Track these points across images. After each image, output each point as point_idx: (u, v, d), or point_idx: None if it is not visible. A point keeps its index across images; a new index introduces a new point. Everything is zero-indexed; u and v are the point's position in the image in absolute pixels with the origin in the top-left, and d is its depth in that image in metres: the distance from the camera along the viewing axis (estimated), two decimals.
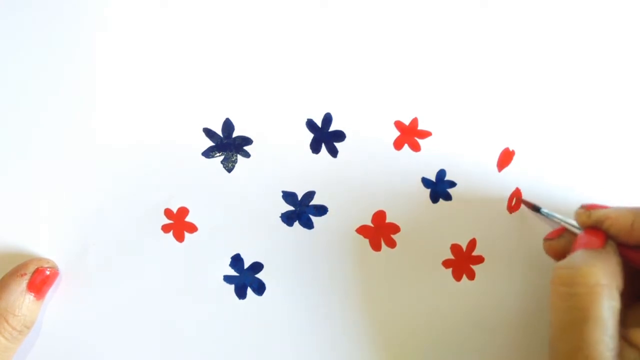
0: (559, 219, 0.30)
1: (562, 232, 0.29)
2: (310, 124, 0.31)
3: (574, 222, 0.29)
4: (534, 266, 0.33)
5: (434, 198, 0.32)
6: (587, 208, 0.28)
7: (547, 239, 0.30)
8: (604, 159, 0.33)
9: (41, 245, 0.30)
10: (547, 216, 0.31)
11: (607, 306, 0.23)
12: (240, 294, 0.32)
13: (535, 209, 0.31)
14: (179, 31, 0.30)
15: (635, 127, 0.33)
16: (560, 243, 0.29)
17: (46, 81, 0.30)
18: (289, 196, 0.32)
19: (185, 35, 0.31)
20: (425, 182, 0.32)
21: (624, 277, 0.25)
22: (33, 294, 0.29)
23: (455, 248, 0.32)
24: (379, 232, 0.32)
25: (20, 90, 0.30)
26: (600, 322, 0.23)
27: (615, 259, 0.25)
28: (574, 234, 0.29)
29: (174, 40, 0.30)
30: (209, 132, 0.31)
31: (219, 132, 0.31)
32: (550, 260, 0.31)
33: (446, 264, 0.32)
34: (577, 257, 0.25)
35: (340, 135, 0.32)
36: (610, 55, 0.33)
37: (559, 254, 0.29)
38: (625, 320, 0.24)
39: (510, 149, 0.33)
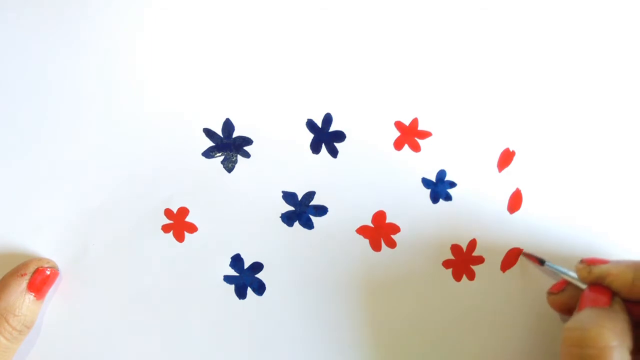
0: (562, 272, 0.30)
1: (565, 286, 0.29)
2: (311, 124, 0.31)
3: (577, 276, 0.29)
4: (534, 266, 0.33)
5: (434, 198, 0.32)
6: (588, 263, 0.28)
7: (550, 293, 0.30)
8: (604, 159, 0.33)
9: (41, 245, 0.30)
10: (551, 269, 0.31)
11: None
12: (240, 294, 0.32)
13: (540, 262, 0.31)
14: (179, 31, 0.30)
15: (635, 127, 0.33)
16: (563, 297, 0.29)
17: (47, 82, 0.30)
18: (289, 196, 0.32)
19: (185, 35, 0.31)
20: (425, 182, 0.32)
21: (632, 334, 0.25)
22: (33, 294, 0.29)
23: (455, 248, 0.32)
24: (379, 232, 0.32)
25: (21, 91, 0.30)
26: None
27: (623, 316, 0.25)
28: (577, 287, 0.29)
29: (174, 41, 0.30)
30: (209, 132, 0.31)
31: (219, 132, 0.31)
32: (551, 261, 0.31)
33: (446, 264, 0.32)
34: (586, 317, 0.25)
35: (340, 136, 0.32)
36: (610, 55, 0.33)
37: (563, 307, 0.29)
38: None
39: (511, 150, 0.33)
